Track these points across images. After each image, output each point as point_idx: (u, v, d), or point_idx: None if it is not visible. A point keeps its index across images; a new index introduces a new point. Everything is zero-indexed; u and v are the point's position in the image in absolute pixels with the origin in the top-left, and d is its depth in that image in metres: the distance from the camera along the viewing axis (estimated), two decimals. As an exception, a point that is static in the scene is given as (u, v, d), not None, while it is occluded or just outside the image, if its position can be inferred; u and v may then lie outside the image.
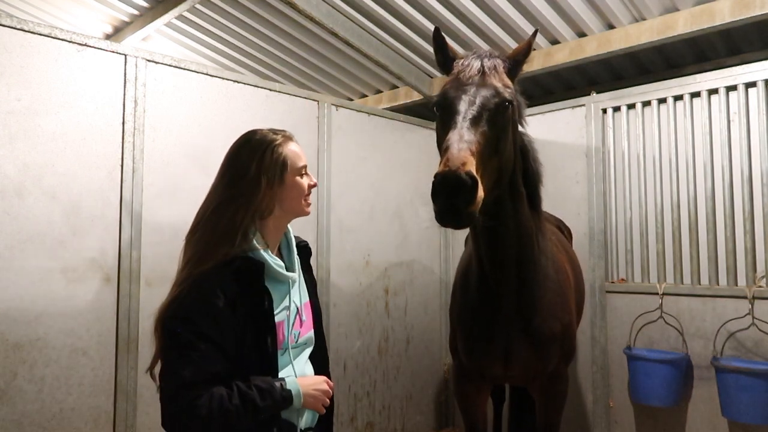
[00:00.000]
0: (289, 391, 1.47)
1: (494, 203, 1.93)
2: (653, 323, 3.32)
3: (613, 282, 3.58)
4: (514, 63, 2.04)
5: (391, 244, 3.93)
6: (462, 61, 2.00)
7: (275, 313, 1.54)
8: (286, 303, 1.59)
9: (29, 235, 2.37)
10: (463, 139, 1.68)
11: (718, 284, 3.18)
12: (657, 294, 3.30)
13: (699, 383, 3.18)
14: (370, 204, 3.81)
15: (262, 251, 1.54)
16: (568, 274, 2.57)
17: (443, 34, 2.14)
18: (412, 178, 4.04)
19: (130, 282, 2.63)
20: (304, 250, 1.79)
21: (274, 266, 1.55)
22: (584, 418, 3.62)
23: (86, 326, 2.51)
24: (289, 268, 1.66)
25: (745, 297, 3.00)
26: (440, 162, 1.66)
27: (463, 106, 1.80)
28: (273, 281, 1.57)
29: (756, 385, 2.78)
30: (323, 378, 1.59)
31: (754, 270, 3.05)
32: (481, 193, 1.64)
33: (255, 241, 1.54)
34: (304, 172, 1.64)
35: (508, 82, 1.98)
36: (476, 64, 1.93)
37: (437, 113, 1.94)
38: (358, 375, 3.66)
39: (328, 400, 1.56)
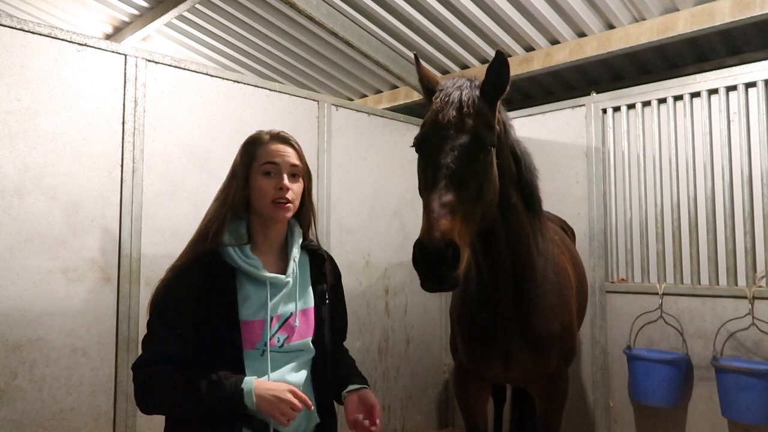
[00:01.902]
0: (242, 389, 1.43)
1: (486, 224, 1.92)
2: (653, 323, 3.32)
3: (613, 282, 3.58)
4: (496, 91, 1.85)
5: (391, 244, 3.93)
6: (440, 94, 1.85)
7: (251, 312, 1.53)
8: (266, 303, 1.55)
9: (29, 235, 2.37)
10: (443, 201, 1.62)
11: (718, 284, 3.18)
12: (657, 294, 3.30)
13: (699, 383, 3.17)
14: (370, 204, 3.81)
15: (229, 248, 1.55)
16: (569, 275, 2.56)
17: (421, 61, 2.06)
18: (412, 178, 3.99)
19: (130, 282, 2.63)
20: (315, 255, 1.73)
21: (243, 264, 1.54)
22: (584, 418, 3.62)
23: (86, 326, 2.51)
24: (277, 270, 1.62)
25: (745, 297, 3.00)
26: (422, 224, 1.62)
27: (441, 158, 1.70)
28: (249, 279, 1.56)
29: (756, 385, 2.78)
30: (288, 387, 1.47)
31: (754, 270, 3.05)
32: (465, 254, 1.62)
33: (226, 238, 1.56)
34: (271, 172, 1.58)
35: (490, 117, 1.82)
36: (455, 98, 1.80)
37: (417, 154, 1.86)
38: (358, 375, 3.66)
39: (290, 411, 1.44)
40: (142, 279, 2.66)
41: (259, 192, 1.57)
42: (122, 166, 2.66)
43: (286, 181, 1.58)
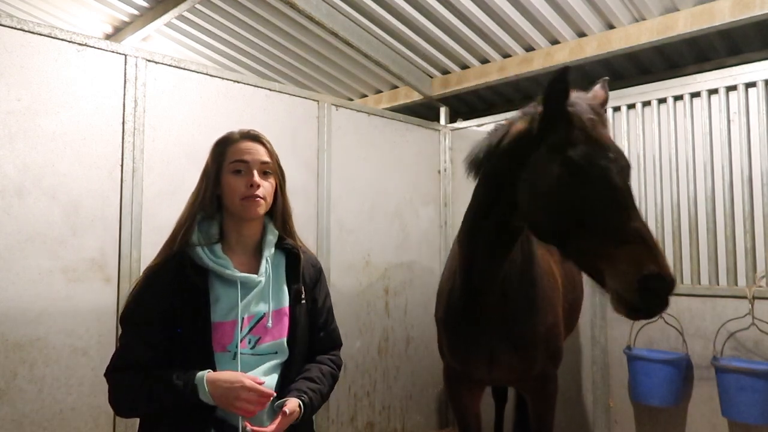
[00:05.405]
0: (195, 385, 1.41)
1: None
2: (653, 323, 3.32)
3: (613, 282, 3.57)
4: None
5: (391, 244, 3.93)
6: (587, 113, 1.73)
7: (223, 313, 1.51)
8: (237, 304, 1.53)
9: (29, 235, 2.37)
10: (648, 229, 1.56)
11: (718, 284, 3.18)
12: (657, 294, 3.30)
13: (699, 383, 3.17)
14: (370, 204, 3.81)
15: (198, 248, 1.54)
16: (555, 276, 2.53)
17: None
18: (412, 177, 4.03)
19: (130, 282, 2.62)
20: (290, 254, 1.69)
21: (211, 263, 1.53)
22: (584, 418, 3.62)
23: (86, 326, 2.51)
24: (250, 270, 1.60)
25: (745, 297, 3.00)
26: (653, 256, 1.54)
27: (630, 186, 1.66)
28: (220, 280, 1.54)
29: (756, 385, 2.78)
30: (243, 375, 1.43)
31: (754, 270, 3.05)
32: None
33: (195, 238, 1.56)
34: (242, 170, 1.59)
35: None
36: (601, 116, 1.77)
37: (569, 167, 1.66)
38: (358, 375, 3.66)
39: (252, 397, 1.39)
40: (142, 279, 2.66)
41: (229, 190, 1.59)
42: (122, 166, 2.66)
43: (256, 177, 1.58)
